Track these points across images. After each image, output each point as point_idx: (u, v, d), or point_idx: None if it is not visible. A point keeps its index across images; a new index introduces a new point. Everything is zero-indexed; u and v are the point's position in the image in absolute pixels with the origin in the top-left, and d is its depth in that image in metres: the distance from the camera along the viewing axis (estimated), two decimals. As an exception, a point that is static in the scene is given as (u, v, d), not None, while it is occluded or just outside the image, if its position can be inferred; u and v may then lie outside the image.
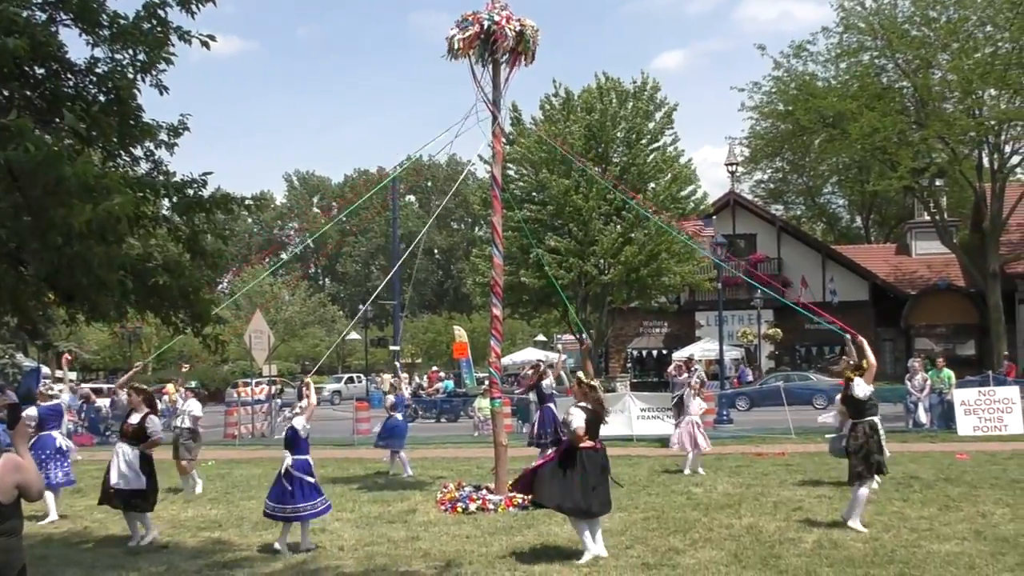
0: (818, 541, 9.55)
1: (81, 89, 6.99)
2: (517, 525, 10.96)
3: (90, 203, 5.54)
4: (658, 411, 22.64)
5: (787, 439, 20.94)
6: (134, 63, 7.16)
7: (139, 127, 7.16)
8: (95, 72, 7.07)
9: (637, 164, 34.69)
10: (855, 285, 46.67)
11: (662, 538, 9.95)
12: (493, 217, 13.80)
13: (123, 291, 6.68)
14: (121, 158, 7.35)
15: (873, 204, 65.60)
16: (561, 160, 34.16)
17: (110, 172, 6.21)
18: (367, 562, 9.23)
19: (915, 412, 22.41)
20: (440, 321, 75.23)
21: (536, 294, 35.26)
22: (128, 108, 7.02)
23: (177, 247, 7.70)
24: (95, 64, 7.10)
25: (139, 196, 6.58)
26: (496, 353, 13.66)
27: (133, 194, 6.54)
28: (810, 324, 43.16)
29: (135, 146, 7.33)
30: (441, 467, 17.63)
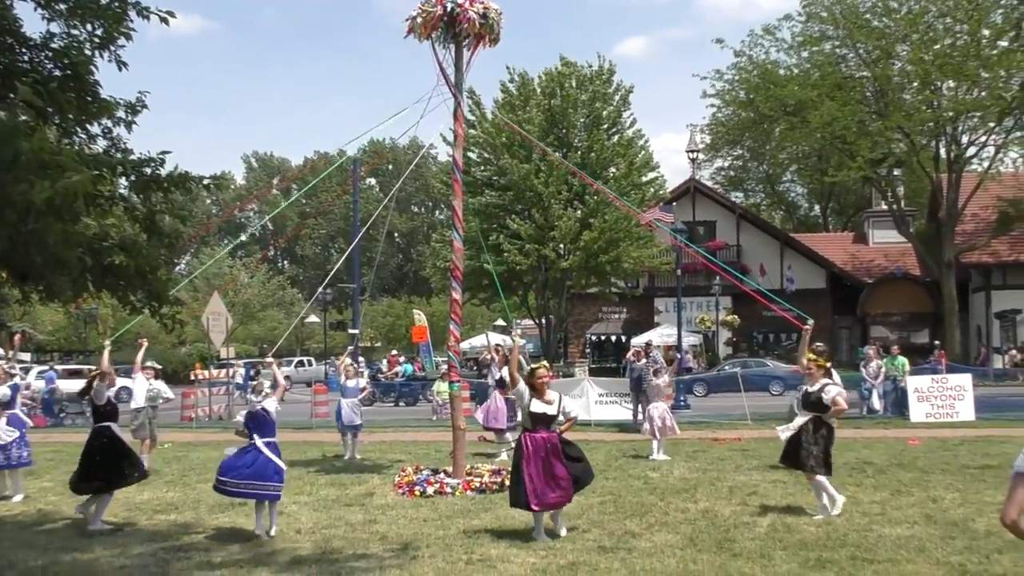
0: (772, 525, 9.70)
1: (36, 64, 6.88)
2: (474, 508, 11.01)
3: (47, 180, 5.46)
4: (616, 396, 22.79)
5: (743, 425, 21.19)
6: (91, 38, 7.05)
7: (96, 103, 7.06)
8: (51, 47, 6.96)
9: (596, 150, 34.80)
10: (813, 273, 47.25)
11: (619, 522, 10.05)
12: (454, 201, 13.78)
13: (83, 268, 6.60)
14: (77, 135, 7.24)
15: (831, 193, 66.39)
16: (521, 145, 34.18)
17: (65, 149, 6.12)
18: (324, 545, 9.23)
19: (869, 399, 22.76)
20: (399, 305, 75.07)
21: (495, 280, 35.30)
22: (85, 84, 6.92)
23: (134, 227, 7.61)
24: (51, 39, 6.99)
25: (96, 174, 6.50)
26: (455, 337, 13.68)
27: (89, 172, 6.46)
28: (768, 311, 43.68)
29: (92, 123, 7.23)
30: (399, 450, 17.63)
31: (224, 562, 8.59)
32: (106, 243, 6.98)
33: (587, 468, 9.64)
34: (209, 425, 25.36)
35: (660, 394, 16.19)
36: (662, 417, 15.75)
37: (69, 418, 27.23)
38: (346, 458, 16.40)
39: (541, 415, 9.40)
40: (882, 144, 39.39)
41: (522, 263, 33.73)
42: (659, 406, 15.93)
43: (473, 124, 35.86)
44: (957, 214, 40.81)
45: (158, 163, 7.35)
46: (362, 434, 17.80)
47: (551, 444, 9.33)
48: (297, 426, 24.04)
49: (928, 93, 38.00)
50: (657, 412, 15.83)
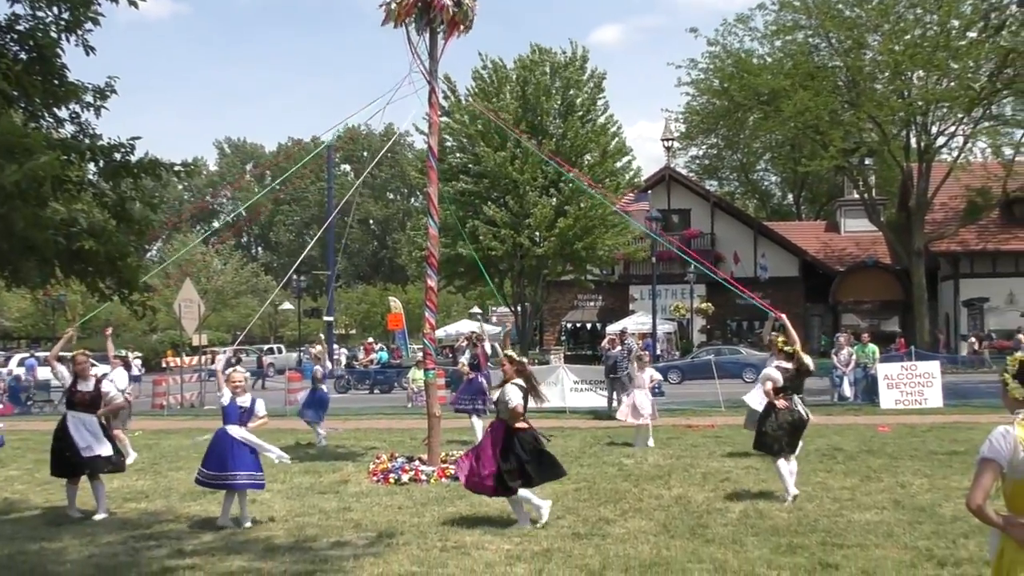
0: (744, 511, 9.76)
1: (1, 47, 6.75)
2: (449, 496, 11.00)
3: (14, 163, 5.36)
4: (591, 384, 22.85)
5: (717, 412, 21.31)
6: (58, 21, 6.93)
7: (64, 87, 6.94)
8: (16, 30, 6.83)
9: (570, 137, 34.78)
10: (786, 261, 47.53)
11: (593, 508, 10.08)
12: (429, 188, 13.74)
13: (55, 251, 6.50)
14: (45, 119, 7.12)
15: (804, 182, 66.76)
16: (496, 133, 34.11)
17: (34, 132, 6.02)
18: (298, 533, 9.19)
19: (840, 386, 22.95)
20: (375, 292, 74.88)
21: (472, 266, 35.27)
22: (52, 67, 6.80)
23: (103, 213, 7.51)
24: (16, 21, 6.86)
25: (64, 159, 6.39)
26: (431, 325, 13.65)
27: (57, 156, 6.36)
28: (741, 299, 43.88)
29: (59, 107, 7.10)
30: (374, 438, 17.59)
31: (196, 550, 8.53)
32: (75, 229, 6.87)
33: (541, 467, 9.31)
34: (180, 413, 25.20)
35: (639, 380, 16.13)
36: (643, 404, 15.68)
37: (37, 406, 26.96)
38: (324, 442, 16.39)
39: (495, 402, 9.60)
40: (854, 134, 39.64)
41: (498, 249, 33.69)
42: (645, 393, 15.85)
43: (448, 112, 35.75)
44: (927, 203, 41.17)
45: (128, 149, 7.23)
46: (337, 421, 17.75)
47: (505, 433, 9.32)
48: (270, 414, 23.92)
49: (899, 83, 38.26)
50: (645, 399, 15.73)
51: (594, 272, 41.54)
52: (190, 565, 7.95)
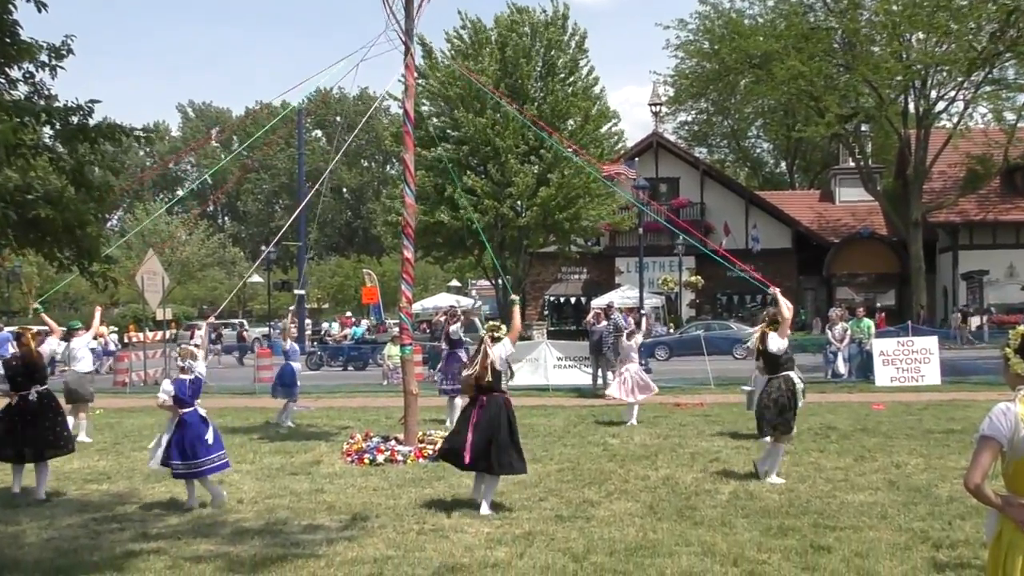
0: (734, 492, 9.84)
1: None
2: (427, 477, 11.03)
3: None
4: (575, 360, 22.89)
5: (706, 389, 21.42)
6: (8, -25, 6.81)
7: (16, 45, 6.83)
8: (-36, -17, 6.71)
9: (550, 101, 34.61)
10: (778, 232, 47.66)
11: (577, 490, 10.13)
12: (405, 154, 13.67)
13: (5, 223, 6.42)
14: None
15: (798, 149, 66.84)
16: (475, 97, 33.92)
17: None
18: (268, 515, 9.20)
19: (834, 362, 23.09)
20: (348, 264, 74.65)
21: (451, 236, 35.17)
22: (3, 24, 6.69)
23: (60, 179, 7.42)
24: (-38, -26, 6.73)
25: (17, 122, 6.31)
26: (407, 298, 13.61)
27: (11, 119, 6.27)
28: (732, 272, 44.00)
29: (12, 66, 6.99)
30: (348, 417, 17.60)
31: (161, 534, 8.53)
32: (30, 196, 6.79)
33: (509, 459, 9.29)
34: (144, 390, 25.10)
35: (631, 356, 16.19)
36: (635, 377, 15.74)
37: None
38: (290, 423, 16.39)
39: None
40: (850, 98, 39.68)
41: (479, 220, 33.60)
42: (632, 367, 15.91)
43: (425, 74, 35.51)
44: (925, 171, 41.34)
45: (86, 112, 7.14)
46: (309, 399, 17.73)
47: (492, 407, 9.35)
48: (239, 391, 23.92)
49: (896, 45, 38.27)
50: (631, 372, 15.80)
51: (578, 243, 41.52)
52: (155, 549, 7.95)
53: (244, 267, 68.54)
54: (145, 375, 26.82)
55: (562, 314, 48.00)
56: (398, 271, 14.27)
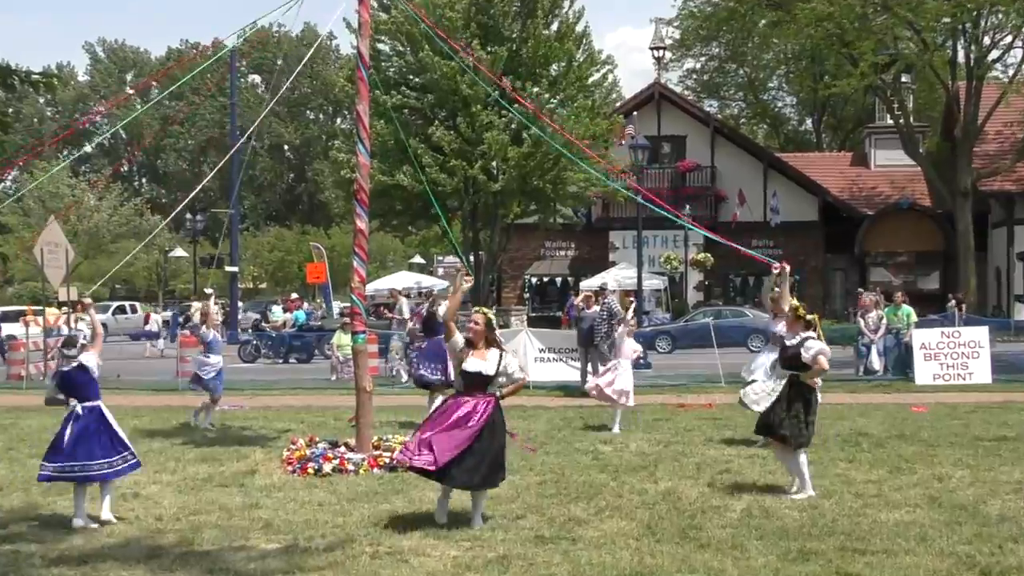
0: (747, 509, 9.88)
1: None
2: (383, 490, 11.02)
3: None
4: (560, 352, 22.89)
5: (716, 388, 21.48)
6: None
7: None
8: None
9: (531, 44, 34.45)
10: (802, 202, 47.73)
11: (561, 506, 10.15)
12: (358, 105, 13.57)
13: None
14: None
15: (826, 104, 67.00)
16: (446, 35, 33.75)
17: None
18: (192, 535, 9.16)
19: (867, 357, 23.18)
20: (291, 236, 74.37)
21: (413, 203, 35.06)
22: None
23: (-59, 131, 7.33)
24: None
25: None
26: (360, 277, 13.54)
27: None
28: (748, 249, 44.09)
29: None
30: (288, 418, 17.55)
31: (63, 556, 8.49)
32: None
33: (492, 471, 9.44)
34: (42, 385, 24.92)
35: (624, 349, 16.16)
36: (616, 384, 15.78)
37: None
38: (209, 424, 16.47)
39: (475, 374, 9.47)
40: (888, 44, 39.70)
41: (445, 184, 33.49)
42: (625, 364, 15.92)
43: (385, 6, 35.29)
44: (976, 131, 41.44)
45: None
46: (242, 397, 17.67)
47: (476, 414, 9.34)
48: (159, 388, 23.81)
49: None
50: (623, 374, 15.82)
51: (564, 214, 41.46)
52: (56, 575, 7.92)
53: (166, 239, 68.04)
54: (45, 366, 26.63)
55: (545, 297, 48.09)
56: (350, 244, 14.21)
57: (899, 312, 23.34)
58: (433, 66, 33.50)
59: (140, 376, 26.36)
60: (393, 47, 36.55)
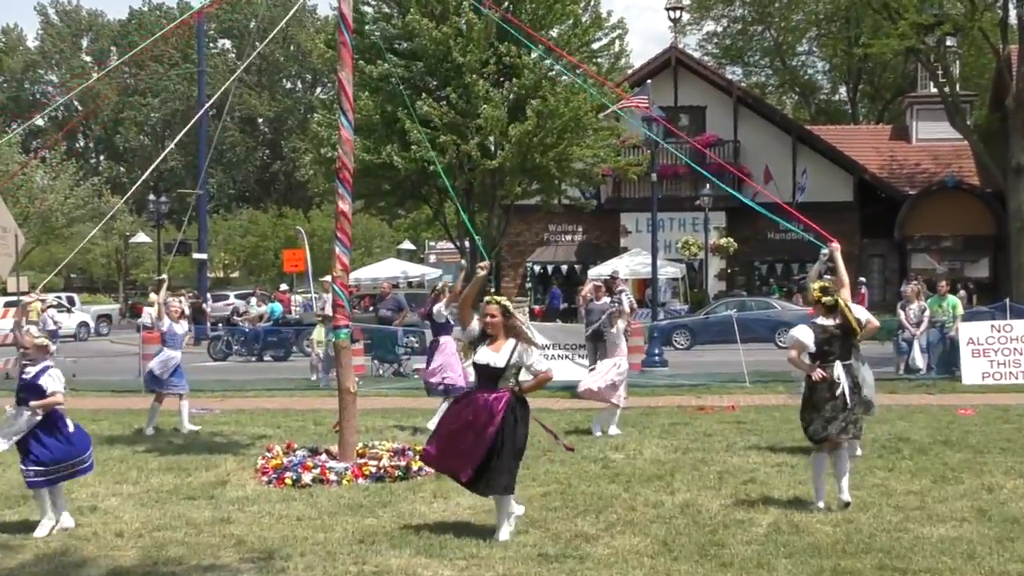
0: (775, 524, 9.88)
1: None
2: (369, 503, 11.02)
3: None
4: (566, 348, 22.90)
5: (740, 388, 21.48)
6: None
7: None
8: None
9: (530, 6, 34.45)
10: (835, 179, 47.72)
11: (567, 520, 10.15)
12: (341, 72, 13.56)
13: None
14: None
15: (862, 70, 66.91)
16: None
17: None
18: (156, 552, 9.16)
19: (908, 354, 23.13)
20: (265, 219, 74.29)
21: (402, 182, 35.07)
22: None
23: None
24: None
25: None
26: (343, 265, 13.54)
27: None
28: (776, 232, 44.17)
29: None
30: (263, 423, 17.55)
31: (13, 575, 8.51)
32: None
33: (502, 471, 9.45)
34: None
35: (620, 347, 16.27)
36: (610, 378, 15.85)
37: None
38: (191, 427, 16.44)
39: (483, 367, 9.57)
40: (932, 2, 39.63)
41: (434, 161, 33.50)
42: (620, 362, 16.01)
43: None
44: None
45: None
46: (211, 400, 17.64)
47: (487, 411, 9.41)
48: (120, 388, 23.82)
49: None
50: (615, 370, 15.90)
51: (569, 195, 41.44)
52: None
53: (127, 222, 68.02)
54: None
55: (550, 287, 48.04)
56: (331, 229, 14.22)
57: (944, 303, 23.28)
58: (422, 31, 33.50)
59: (98, 376, 26.36)
60: (378, 9, 36.55)
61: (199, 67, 44.00)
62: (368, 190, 35.81)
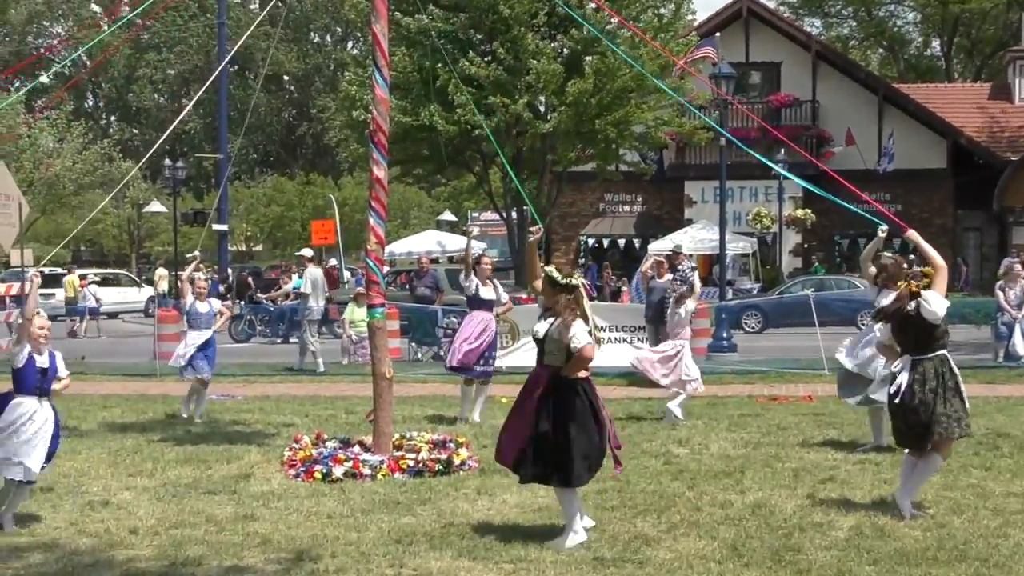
0: (857, 527, 9.82)
1: None
2: (406, 499, 11.06)
3: None
4: (624, 331, 22.88)
5: (817, 376, 21.36)
6: None
7: None
8: None
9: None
10: (926, 145, 47.33)
11: (626, 521, 10.15)
12: (375, 24, 13.54)
13: None
14: None
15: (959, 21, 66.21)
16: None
17: None
18: (174, 552, 9.23)
19: (1009, 339, 22.93)
20: (292, 187, 74.51)
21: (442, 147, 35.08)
22: None
23: None
24: None
25: None
26: (378, 237, 13.54)
27: None
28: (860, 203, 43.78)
29: None
30: (290, 410, 17.64)
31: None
32: None
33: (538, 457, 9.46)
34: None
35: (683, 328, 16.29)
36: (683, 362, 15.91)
37: None
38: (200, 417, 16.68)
39: (535, 340, 9.75)
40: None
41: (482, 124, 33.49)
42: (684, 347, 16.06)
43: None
44: None
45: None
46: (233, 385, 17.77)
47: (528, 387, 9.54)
48: (133, 372, 24.01)
49: None
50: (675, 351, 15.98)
51: (628, 161, 41.31)
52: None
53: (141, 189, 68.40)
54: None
55: (605, 263, 47.96)
56: (364, 198, 14.25)
57: (1047, 284, 23.07)
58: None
59: (109, 359, 26.60)
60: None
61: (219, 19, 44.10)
62: (405, 155, 35.89)
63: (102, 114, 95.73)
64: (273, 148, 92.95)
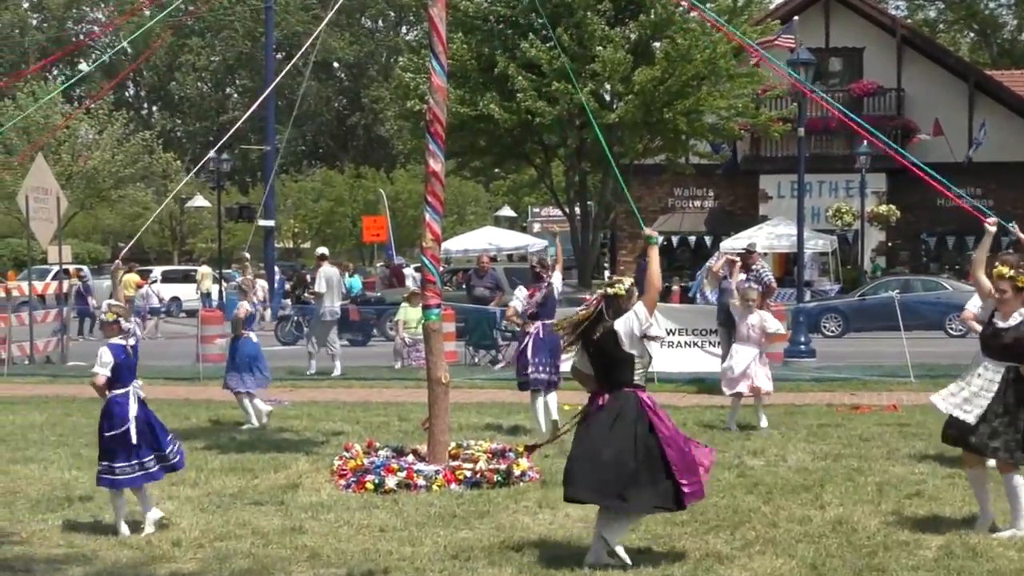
0: (946, 547, 9.74)
1: None
2: (463, 512, 11.08)
3: None
4: (695, 334, 22.80)
5: (903, 384, 21.22)
6: None
7: None
8: None
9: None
10: (1020, 135, 46.84)
11: (697, 537, 10.12)
12: (432, 8, 13.56)
13: None
14: None
15: (1057, 4, 65.54)
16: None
17: None
18: (218, 565, 9.30)
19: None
20: (342, 181, 74.74)
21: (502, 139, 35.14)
22: None
23: None
24: None
25: None
26: (434, 233, 13.56)
27: None
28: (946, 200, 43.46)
29: None
30: (340, 417, 17.73)
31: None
32: None
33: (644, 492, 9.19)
34: (31, 371, 25.51)
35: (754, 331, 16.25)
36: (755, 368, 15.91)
37: None
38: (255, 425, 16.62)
39: None
40: None
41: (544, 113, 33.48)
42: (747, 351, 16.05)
43: None
44: None
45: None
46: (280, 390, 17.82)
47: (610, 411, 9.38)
48: (176, 376, 24.19)
49: None
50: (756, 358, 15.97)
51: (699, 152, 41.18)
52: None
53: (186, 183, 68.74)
54: (32, 347, 27.16)
55: (674, 262, 47.82)
56: (418, 192, 14.27)
57: None
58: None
59: (151, 361, 26.81)
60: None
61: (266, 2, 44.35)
62: (462, 147, 35.92)
63: (143, 103, 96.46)
64: (323, 139, 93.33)
